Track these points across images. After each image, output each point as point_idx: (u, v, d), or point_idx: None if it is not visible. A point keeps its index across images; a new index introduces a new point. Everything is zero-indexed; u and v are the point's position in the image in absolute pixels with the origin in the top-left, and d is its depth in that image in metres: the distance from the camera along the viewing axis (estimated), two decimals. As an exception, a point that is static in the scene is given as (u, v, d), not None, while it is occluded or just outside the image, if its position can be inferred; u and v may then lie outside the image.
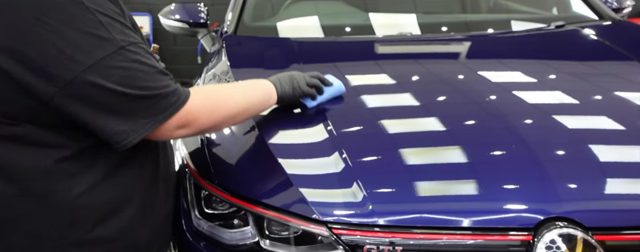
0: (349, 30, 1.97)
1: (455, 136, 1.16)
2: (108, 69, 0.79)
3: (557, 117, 1.19)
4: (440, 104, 1.32)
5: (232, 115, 1.01)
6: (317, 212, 0.99)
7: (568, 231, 0.90)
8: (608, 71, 1.53)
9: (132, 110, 0.83)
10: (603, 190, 0.99)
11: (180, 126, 0.90)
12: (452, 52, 1.76)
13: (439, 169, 1.05)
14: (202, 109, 0.92)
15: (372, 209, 0.97)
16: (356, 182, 1.02)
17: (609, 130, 1.16)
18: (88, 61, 0.77)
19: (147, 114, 0.85)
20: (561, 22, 1.90)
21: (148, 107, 0.84)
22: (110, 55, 0.79)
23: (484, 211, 0.96)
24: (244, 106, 1.03)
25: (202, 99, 0.93)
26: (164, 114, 0.86)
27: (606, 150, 1.08)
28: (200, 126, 0.94)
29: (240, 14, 2.07)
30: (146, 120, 0.85)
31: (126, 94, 0.81)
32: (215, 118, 0.96)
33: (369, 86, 1.47)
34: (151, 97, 0.84)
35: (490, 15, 2.23)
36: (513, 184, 0.99)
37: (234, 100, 1.02)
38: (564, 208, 0.93)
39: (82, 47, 0.77)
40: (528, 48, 1.74)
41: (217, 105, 0.97)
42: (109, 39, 0.80)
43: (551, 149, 1.09)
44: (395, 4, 2.19)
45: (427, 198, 1.00)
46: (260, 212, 1.04)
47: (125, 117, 0.83)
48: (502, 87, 1.40)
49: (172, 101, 0.87)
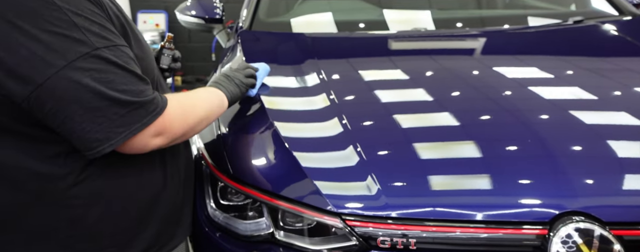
0: (363, 26, 1.97)
1: (471, 131, 1.16)
2: (81, 71, 0.77)
3: (575, 113, 1.18)
4: (455, 99, 1.32)
5: (198, 122, 0.98)
6: (331, 204, 0.99)
7: (585, 225, 0.90)
8: (628, 67, 1.51)
9: (107, 116, 0.79)
10: (621, 185, 0.98)
11: (156, 134, 0.86)
12: (468, 48, 1.75)
13: (453, 163, 1.05)
14: (176, 117, 0.89)
15: (386, 201, 0.98)
16: (370, 175, 1.02)
17: (628, 126, 1.15)
18: (60, 63, 0.76)
19: (122, 121, 0.80)
20: (579, 17, 1.88)
21: (124, 115, 0.80)
22: (83, 56, 0.77)
23: (499, 205, 0.96)
24: (206, 114, 1.01)
25: (175, 107, 0.90)
26: (141, 122, 0.82)
27: (625, 146, 1.07)
28: (173, 135, 0.90)
29: (255, 10, 2.07)
30: (122, 129, 0.80)
31: (100, 98, 0.78)
32: (187, 125, 0.93)
33: (384, 81, 1.47)
34: (127, 104, 0.80)
35: (509, 11, 2.21)
36: (529, 178, 0.99)
37: (201, 108, 1.00)
38: (581, 203, 0.92)
39: (55, 48, 0.76)
40: (547, 43, 1.72)
41: (188, 112, 0.94)
42: (82, 40, 0.77)
43: (568, 144, 1.08)
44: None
45: (441, 191, 1.00)
46: (275, 204, 1.05)
47: (98, 124, 0.79)
48: (518, 82, 1.39)
49: (150, 109, 0.83)
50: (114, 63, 0.80)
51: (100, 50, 0.79)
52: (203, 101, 1.03)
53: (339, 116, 1.22)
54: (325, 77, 1.43)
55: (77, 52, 0.77)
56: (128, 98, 0.80)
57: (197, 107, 0.99)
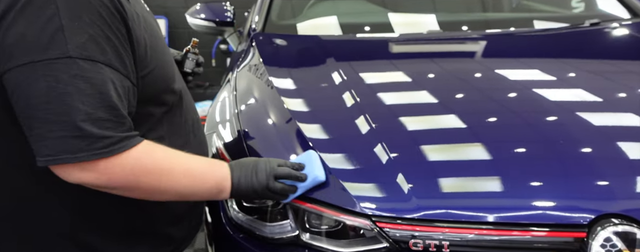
0: (373, 29, 1.95)
1: (503, 132, 1.14)
2: (39, 74, 0.70)
3: (607, 115, 1.17)
4: (482, 99, 1.30)
5: (157, 190, 0.83)
6: (360, 205, 0.97)
7: (624, 228, 0.87)
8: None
9: (42, 132, 0.72)
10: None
11: (83, 169, 0.74)
12: (490, 49, 1.74)
13: (484, 164, 1.03)
14: (124, 168, 0.77)
15: (418, 203, 0.95)
16: (400, 175, 1.00)
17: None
18: (23, 59, 0.71)
19: (52, 144, 0.72)
20: (596, 19, 1.87)
21: (57, 138, 0.71)
22: (49, 60, 0.71)
23: (536, 207, 0.93)
24: (179, 191, 0.86)
25: (135, 158, 0.77)
26: (72, 155, 0.72)
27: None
28: (112, 184, 0.78)
29: (267, 13, 2.07)
30: (48, 152, 0.72)
31: (44, 109, 0.71)
32: (138, 183, 0.80)
33: (405, 82, 1.45)
34: (68, 128, 0.71)
35: (527, 14, 2.20)
36: (565, 180, 0.97)
37: (171, 181, 0.84)
38: (620, 205, 0.90)
39: (25, 43, 0.71)
40: (568, 45, 1.71)
41: (145, 174, 0.80)
42: (59, 43, 0.71)
43: (602, 145, 1.06)
44: (418, 3, 2.18)
45: (474, 193, 0.98)
46: (301, 206, 1.03)
47: (32, 133, 0.73)
48: (545, 84, 1.37)
49: (92, 147, 0.73)
50: (83, 77, 0.72)
51: (74, 58, 0.71)
52: (187, 176, 0.86)
53: (363, 116, 1.20)
54: (346, 78, 1.42)
55: (46, 55, 0.71)
56: (75, 121, 0.71)
57: (171, 178, 0.83)
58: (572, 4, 2.18)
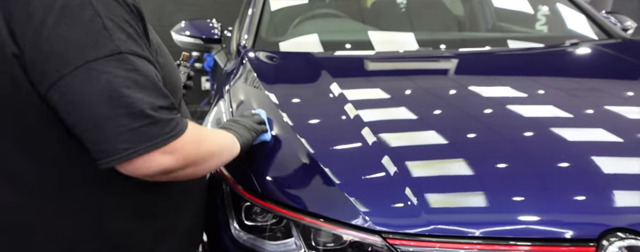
0: (354, 46, 1.97)
1: (511, 145, 1.15)
2: (97, 73, 0.71)
3: (609, 130, 1.19)
4: (490, 115, 1.31)
5: (210, 155, 0.88)
6: (370, 221, 0.96)
7: (631, 242, 0.89)
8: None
9: (114, 129, 0.71)
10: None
11: (165, 152, 0.76)
12: (489, 66, 1.76)
13: (494, 179, 1.03)
14: (190, 143, 0.80)
15: (428, 218, 0.95)
16: (408, 190, 0.99)
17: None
18: (78, 60, 0.70)
19: (129, 137, 0.72)
20: (576, 40, 1.94)
21: (133, 130, 0.72)
22: (105, 58, 0.71)
23: (544, 222, 0.94)
24: (219, 150, 0.92)
25: (193, 134, 0.81)
26: (151, 142, 0.74)
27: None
28: (185, 158, 0.80)
29: (257, 30, 2.07)
30: (128, 146, 0.72)
31: (110, 105, 0.71)
32: (199, 154, 0.84)
33: (402, 97, 1.46)
34: (140, 117, 0.72)
35: (501, 34, 2.26)
36: (573, 195, 0.98)
37: (215, 141, 0.92)
38: (628, 220, 0.92)
39: (77, 41, 0.71)
40: (557, 64, 1.76)
41: (203, 141, 0.86)
42: (110, 38, 0.72)
43: (608, 160, 1.08)
44: (399, 21, 2.23)
45: (485, 208, 0.98)
46: (309, 223, 1.01)
47: (103, 135, 0.72)
48: (550, 100, 1.39)
49: (165, 131, 0.75)
50: (136, 70, 0.74)
51: (124, 54, 0.73)
52: (218, 137, 0.96)
53: (365, 130, 1.20)
54: (344, 93, 1.42)
55: (97, 52, 0.72)
56: (141, 109, 0.72)
57: (213, 140, 0.91)
58: (535, 25, 2.26)
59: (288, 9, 2.30)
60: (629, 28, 2.48)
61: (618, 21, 2.48)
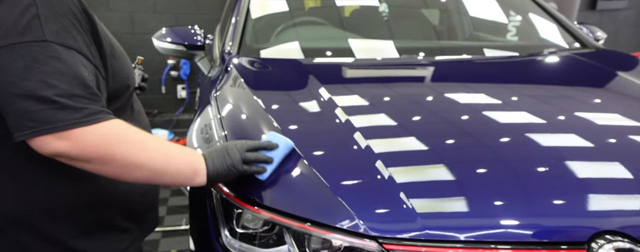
0: (335, 53, 1.99)
1: (502, 150, 1.17)
2: (16, 55, 0.78)
3: (604, 134, 1.22)
4: (484, 119, 1.33)
5: (129, 164, 0.85)
6: (366, 226, 0.96)
7: (619, 245, 0.91)
8: (623, 92, 1.60)
9: (24, 107, 0.78)
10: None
11: (59, 138, 0.79)
12: (483, 73, 1.79)
13: (487, 183, 1.04)
14: (99, 137, 0.81)
15: (423, 223, 0.95)
16: (403, 195, 1.00)
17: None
18: (2, 42, 0.79)
19: (34, 117, 0.78)
20: (553, 48, 2.00)
21: (38, 111, 0.78)
22: (30, 42, 0.79)
23: (535, 225, 0.95)
24: (153, 167, 0.88)
25: (110, 128, 0.83)
26: (51, 125, 0.79)
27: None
28: (83, 153, 0.81)
29: (241, 37, 2.06)
30: (32, 124, 0.78)
31: (22, 86, 0.78)
32: (110, 155, 0.83)
33: (390, 101, 1.47)
34: (47, 101, 0.78)
35: (503, 43, 2.31)
36: (563, 198, 1.00)
37: (150, 156, 0.87)
38: (617, 222, 0.94)
39: (2, 28, 0.79)
40: (544, 72, 1.81)
41: (126, 144, 0.84)
42: (36, 29, 0.80)
43: (597, 164, 1.10)
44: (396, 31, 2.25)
45: (479, 212, 0.98)
46: (301, 229, 1.00)
47: (13, 112, 0.79)
48: (541, 106, 1.42)
49: (72, 117, 0.79)
50: (58, 58, 0.80)
51: (48, 42, 0.80)
52: (158, 152, 0.89)
53: (356, 135, 1.20)
54: (333, 98, 1.42)
55: (24, 38, 0.79)
56: (51, 95, 0.78)
57: (139, 149, 0.86)
58: (507, 36, 2.33)
59: (271, 16, 2.30)
60: (600, 38, 2.58)
61: (590, 32, 2.57)
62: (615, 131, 1.27)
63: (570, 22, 2.30)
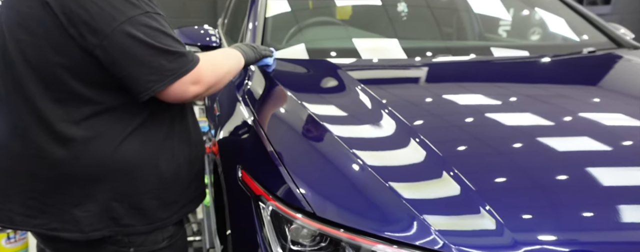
0: (340, 54, 1.87)
1: (586, 159, 1.05)
2: (138, 25, 0.97)
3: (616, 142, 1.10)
4: (558, 122, 1.21)
5: (225, 74, 1.15)
6: (447, 241, 0.84)
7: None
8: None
9: (159, 62, 0.98)
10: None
11: (193, 82, 1.03)
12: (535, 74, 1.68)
13: (580, 192, 0.93)
14: (207, 68, 1.06)
15: (514, 237, 0.84)
16: (485, 206, 0.88)
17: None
18: (122, 17, 0.96)
19: (170, 67, 0.99)
20: (593, 48, 1.90)
21: (171, 61, 0.99)
22: (138, 15, 0.97)
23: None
24: (229, 68, 1.19)
25: (205, 61, 1.07)
26: (184, 69, 1.01)
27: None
28: (207, 84, 1.07)
29: (263, 36, 1.95)
30: (170, 73, 0.99)
31: (153, 47, 0.97)
32: (216, 76, 1.10)
33: (443, 102, 1.35)
34: (173, 53, 1.00)
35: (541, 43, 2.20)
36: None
37: (226, 63, 1.19)
38: None
39: (118, 7, 0.96)
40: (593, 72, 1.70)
41: (216, 64, 1.13)
42: (137, 5, 0.99)
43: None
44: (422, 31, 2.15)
45: (574, 225, 0.87)
46: (370, 246, 0.88)
47: (152, 68, 0.98)
48: (595, 106, 1.32)
49: (189, 60, 1.02)
50: (160, 24, 1.00)
51: (149, 13, 1.00)
52: (226, 57, 1.22)
53: (418, 138, 1.08)
54: (381, 99, 1.30)
55: (134, 11, 0.97)
56: (173, 49, 1.00)
57: (222, 62, 1.17)
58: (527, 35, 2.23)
59: (291, 16, 2.19)
60: (626, 36, 2.49)
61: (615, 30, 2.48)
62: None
63: (604, 22, 2.20)
